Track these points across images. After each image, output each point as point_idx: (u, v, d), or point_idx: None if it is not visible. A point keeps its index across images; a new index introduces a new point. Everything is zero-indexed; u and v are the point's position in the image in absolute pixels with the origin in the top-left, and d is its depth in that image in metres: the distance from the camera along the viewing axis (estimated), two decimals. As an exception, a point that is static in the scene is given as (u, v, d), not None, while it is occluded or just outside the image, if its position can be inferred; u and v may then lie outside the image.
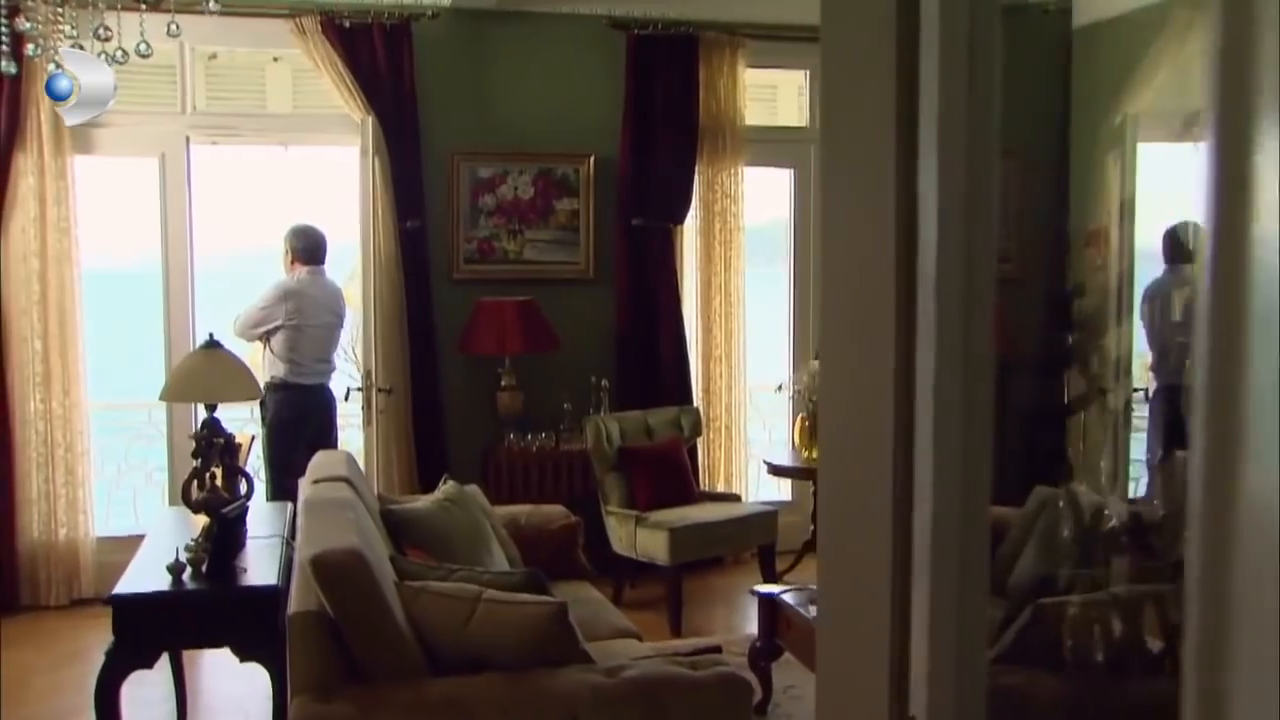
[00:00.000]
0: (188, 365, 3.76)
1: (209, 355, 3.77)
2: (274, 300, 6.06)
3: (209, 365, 3.74)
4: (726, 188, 6.92)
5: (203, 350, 3.80)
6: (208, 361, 3.75)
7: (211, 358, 3.77)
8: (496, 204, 6.72)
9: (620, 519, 5.95)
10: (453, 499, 4.48)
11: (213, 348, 3.81)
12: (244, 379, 3.78)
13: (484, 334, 6.44)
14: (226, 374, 3.73)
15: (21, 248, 6.07)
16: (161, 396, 3.75)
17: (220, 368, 3.74)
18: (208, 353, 3.79)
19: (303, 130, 6.65)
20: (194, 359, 3.78)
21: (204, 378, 3.70)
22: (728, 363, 6.99)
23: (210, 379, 3.69)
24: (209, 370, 3.72)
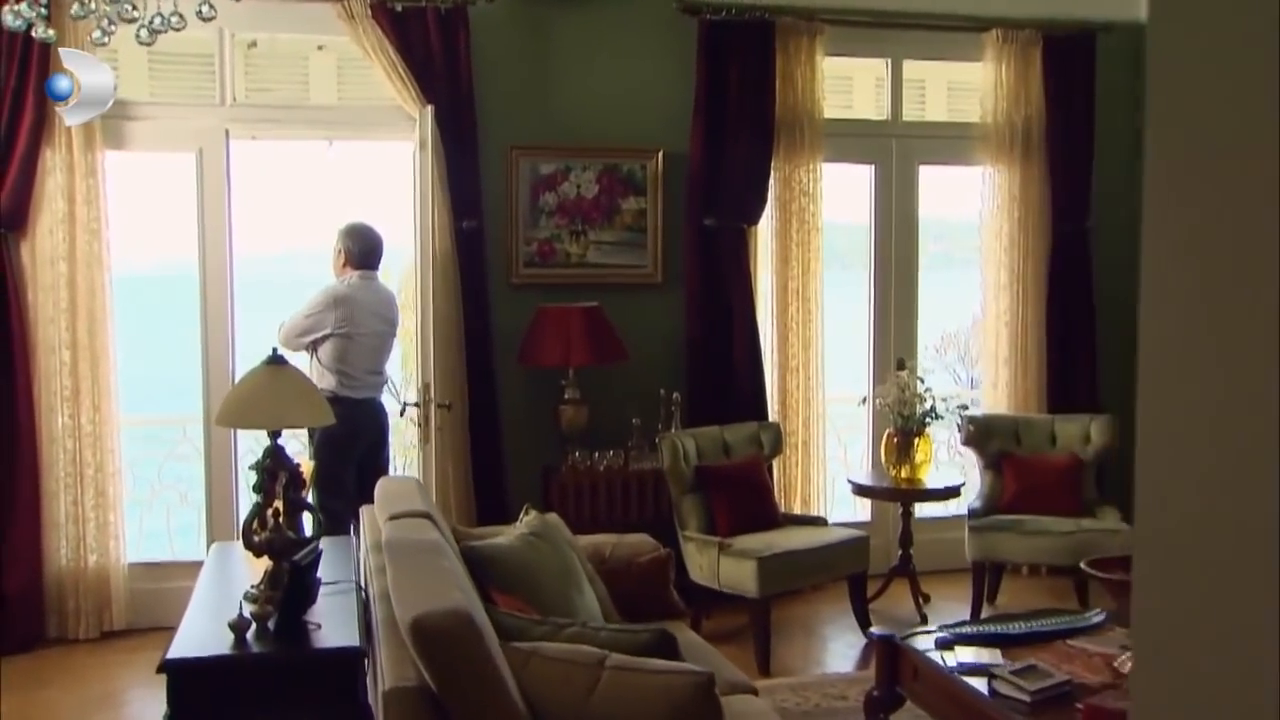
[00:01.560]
0: (249, 386, 3.26)
1: (274, 373, 3.27)
2: (323, 306, 5.57)
3: (274, 385, 3.24)
4: (804, 185, 6.42)
5: (266, 367, 3.30)
6: (273, 381, 3.25)
7: (277, 376, 3.27)
8: (558, 203, 6.22)
9: (700, 546, 5.45)
10: (537, 532, 3.99)
11: (278, 364, 3.30)
12: (313, 401, 3.29)
13: (547, 343, 5.95)
14: (294, 395, 3.24)
15: (49, 250, 5.60)
16: (219, 421, 3.26)
17: (287, 388, 3.24)
18: (272, 370, 3.29)
19: (349, 124, 6.16)
20: (256, 378, 3.28)
21: (269, 400, 3.21)
22: (805, 374, 6.48)
23: (276, 402, 3.20)
24: (274, 391, 3.22)
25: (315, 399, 3.28)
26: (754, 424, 6.10)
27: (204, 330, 5.92)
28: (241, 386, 3.27)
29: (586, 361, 5.95)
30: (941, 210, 7.14)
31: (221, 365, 5.91)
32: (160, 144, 5.91)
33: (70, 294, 5.61)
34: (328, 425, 5.50)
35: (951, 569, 6.53)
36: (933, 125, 6.85)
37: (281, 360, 3.31)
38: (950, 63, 6.84)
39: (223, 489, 5.94)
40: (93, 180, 5.62)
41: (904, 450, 6.02)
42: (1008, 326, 6.67)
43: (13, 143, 5.48)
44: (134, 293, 6.38)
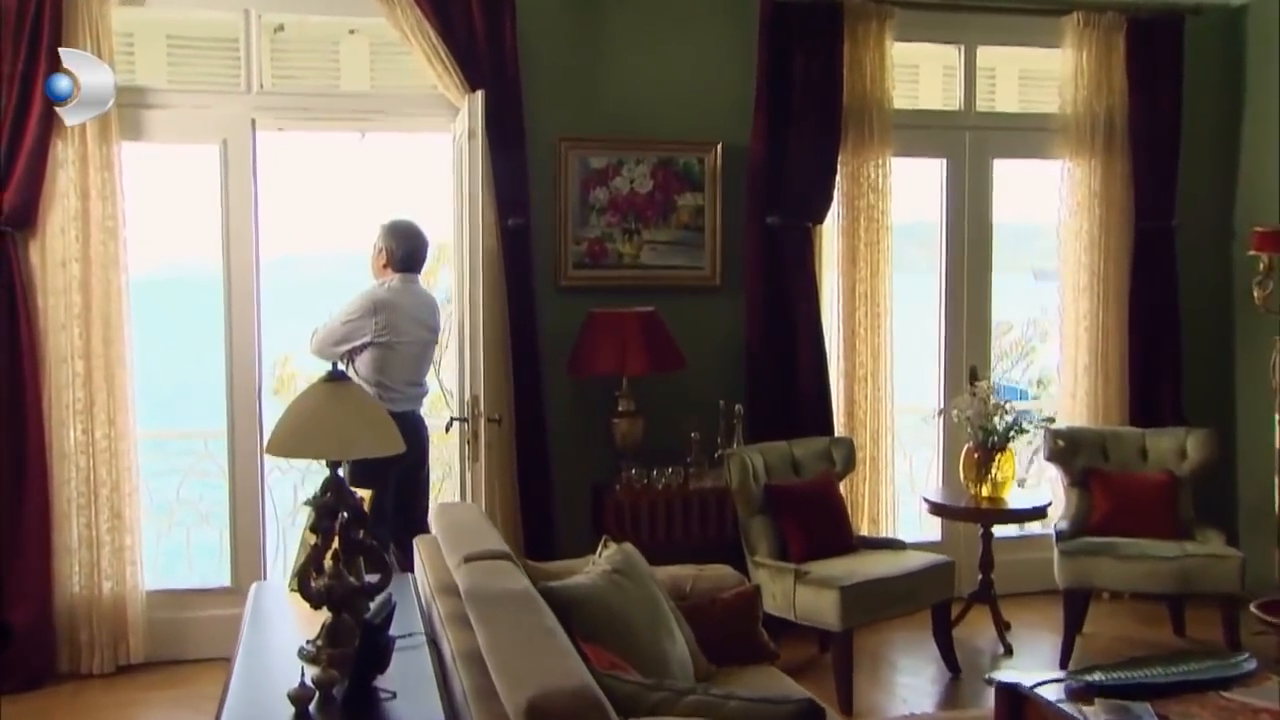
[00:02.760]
0: (307, 408, 2.78)
1: (334, 393, 2.80)
2: (361, 312, 5.11)
3: (336, 407, 2.77)
4: (873, 180, 5.95)
5: (326, 386, 2.83)
6: (334, 401, 2.78)
7: (338, 396, 2.80)
8: (609, 199, 5.76)
9: (774, 573, 4.98)
10: (621, 569, 3.52)
11: (338, 381, 2.83)
12: (382, 425, 2.82)
13: (600, 351, 5.49)
14: (359, 418, 2.77)
15: (60, 251, 5.13)
16: (272, 450, 2.79)
17: (351, 410, 2.77)
18: (333, 389, 2.81)
19: (383, 113, 5.68)
20: (314, 399, 2.80)
21: (330, 425, 2.74)
22: (873, 383, 6.01)
23: (339, 426, 2.73)
24: (336, 414, 2.75)
25: (384, 422, 2.82)
26: (824, 439, 5.64)
27: (228, 337, 5.45)
28: (297, 409, 2.79)
29: (644, 370, 5.49)
30: (1010, 209, 6.66)
31: (247, 375, 5.45)
32: (181, 135, 5.44)
33: (83, 298, 5.15)
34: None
35: (1029, 592, 6.09)
36: (1008, 116, 6.38)
37: (342, 376, 2.84)
38: (1024, 50, 6.38)
39: (248, 509, 5.47)
40: (108, 174, 5.16)
41: (984, 467, 5.56)
42: (1088, 332, 6.21)
43: (21, 133, 5.02)
44: (152, 297, 5.92)
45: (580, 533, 5.66)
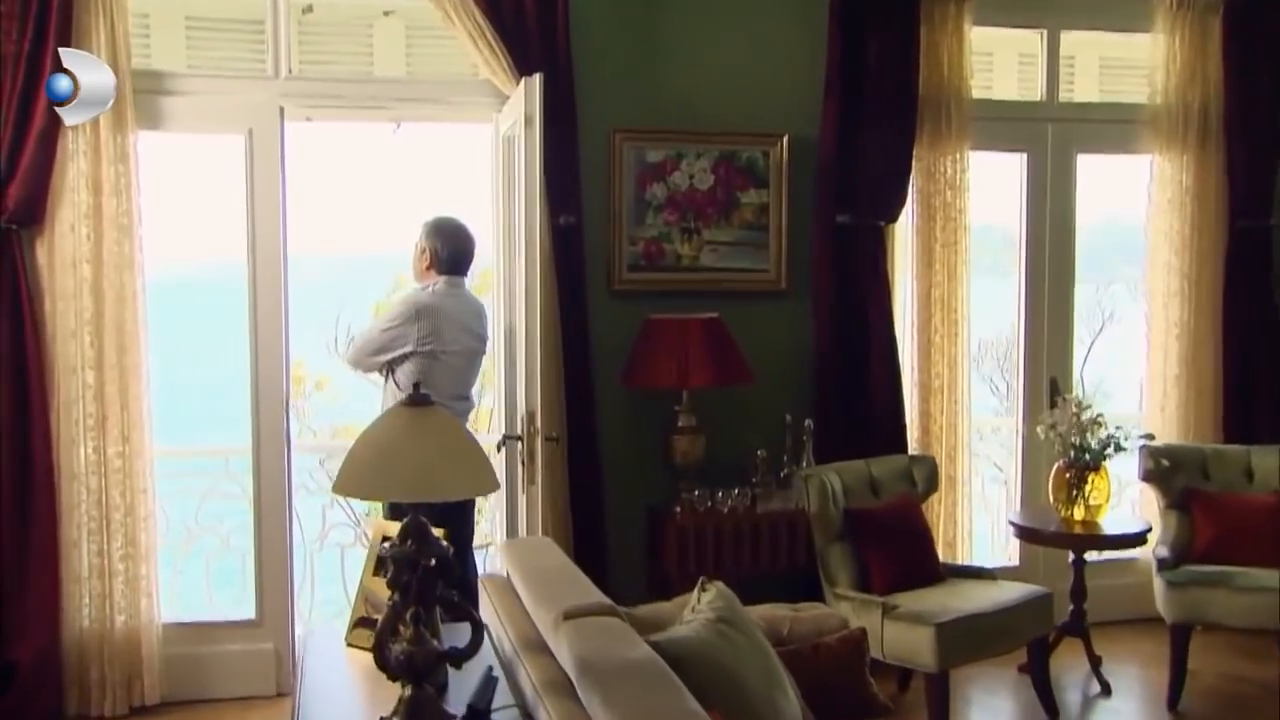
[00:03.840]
0: (385, 439, 2.28)
1: (419, 420, 2.31)
2: (404, 318, 4.64)
3: (421, 438, 2.27)
4: (950, 177, 5.50)
5: (408, 411, 2.34)
6: (418, 431, 2.29)
7: (423, 424, 2.31)
8: (667, 195, 5.29)
9: (858, 607, 4.51)
10: (725, 617, 3.04)
11: (422, 406, 2.35)
12: (475, 460, 2.32)
13: (658, 361, 5.02)
14: (451, 452, 2.28)
15: (70, 251, 4.66)
16: (342, 489, 2.29)
17: (440, 442, 2.28)
18: (416, 415, 2.32)
19: (420, 102, 5.20)
20: (394, 427, 2.30)
21: (416, 459, 2.24)
22: (950, 396, 5.55)
23: (427, 462, 2.24)
24: (422, 446, 2.26)
25: (476, 456, 2.33)
26: (903, 457, 5.18)
27: (253, 345, 4.98)
28: (374, 440, 2.30)
29: (707, 383, 5.02)
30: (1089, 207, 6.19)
31: (273, 386, 4.97)
32: (202, 123, 4.96)
33: (95, 303, 4.68)
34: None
35: (1117, 620, 5.62)
36: (1092, 107, 5.91)
37: (426, 400, 2.36)
38: (1106, 36, 5.92)
39: (274, 534, 4.99)
40: (123, 166, 4.69)
41: (1076, 487, 5.09)
42: (1179, 341, 5.75)
43: (27, 120, 4.55)
44: (170, 301, 5.44)
45: (633, 561, 5.21)
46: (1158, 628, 5.56)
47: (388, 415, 2.38)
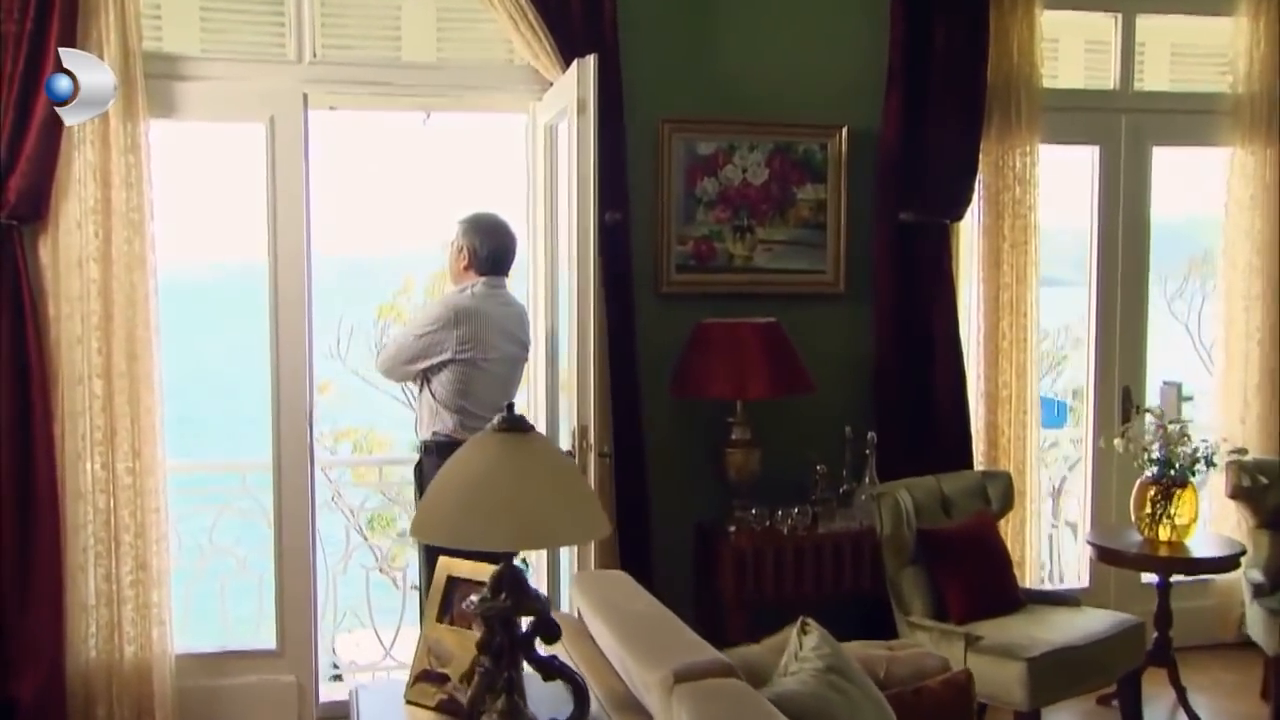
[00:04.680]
0: (475, 474, 1.87)
1: (516, 449, 1.91)
2: (442, 323, 4.25)
3: (519, 473, 1.88)
4: (1019, 172, 5.13)
5: (499, 437, 1.95)
6: (516, 463, 1.88)
7: (522, 454, 1.91)
8: (719, 191, 4.91)
9: (937, 638, 4.12)
10: (835, 666, 2.67)
11: (519, 432, 1.96)
12: (584, 500, 1.92)
13: (712, 370, 4.64)
14: (556, 490, 1.89)
15: (76, 249, 4.28)
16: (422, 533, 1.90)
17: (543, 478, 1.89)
18: (512, 445, 1.93)
19: (452, 89, 4.82)
20: (485, 459, 1.89)
21: (515, 499, 1.85)
22: (1018, 407, 5.18)
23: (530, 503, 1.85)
24: (521, 483, 1.87)
25: (587, 494, 1.94)
26: (976, 473, 4.81)
27: (274, 351, 4.60)
28: (460, 475, 1.90)
29: (766, 394, 4.64)
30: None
31: (296, 395, 4.59)
32: (220, 111, 4.58)
33: (104, 305, 4.30)
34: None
35: (1193, 645, 5.24)
36: (1169, 97, 5.53)
37: (523, 425, 1.97)
38: (1181, 21, 5.55)
39: (297, 556, 4.60)
40: (134, 157, 4.31)
41: (1162, 505, 4.72)
42: (1260, 346, 5.38)
43: (28, 107, 4.17)
44: (184, 303, 5.05)
45: (680, 583, 4.83)
46: (1239, 654, 5.21)
47: (478, 445, 1.99)
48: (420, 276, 9.85)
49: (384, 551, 5.77)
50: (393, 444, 9.07)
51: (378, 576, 5.46)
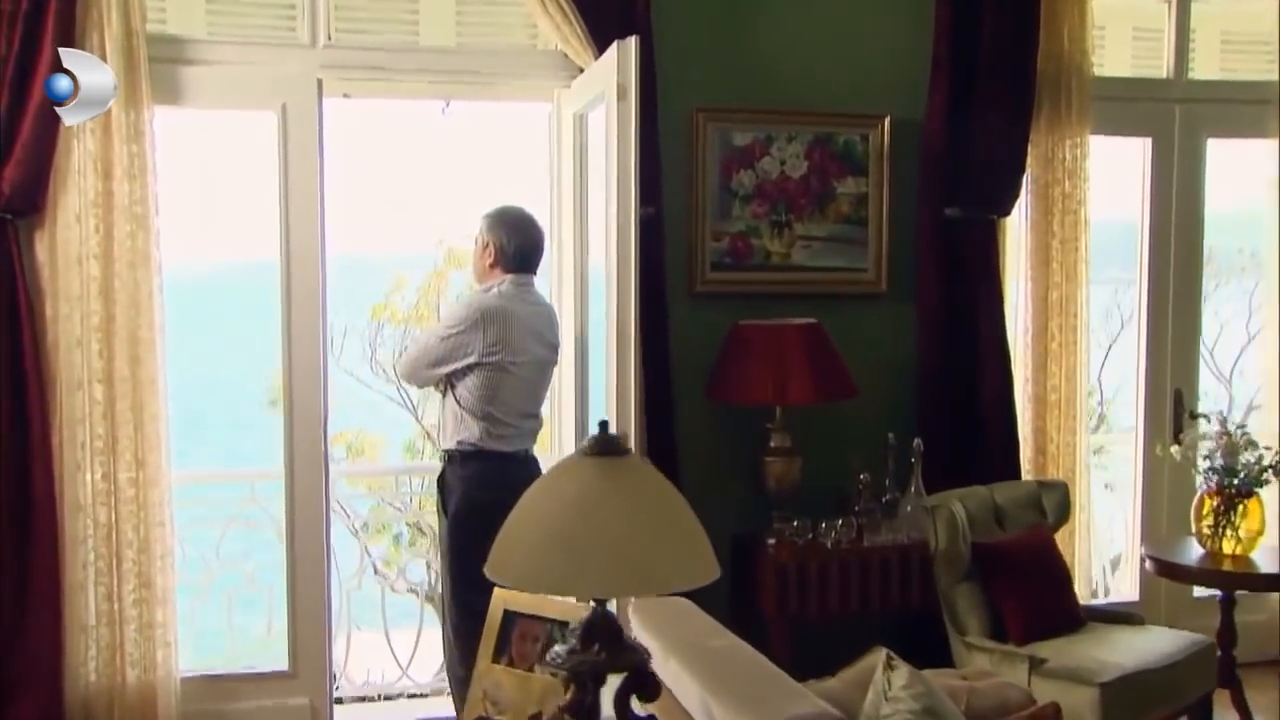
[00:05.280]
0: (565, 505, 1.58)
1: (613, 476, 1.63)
2: (468, 324, 3.97)
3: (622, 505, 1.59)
4: (1069, 164, 4.87)
5: (593, 462, 1.66)
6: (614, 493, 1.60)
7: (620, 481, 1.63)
8: (755, 184, 4.65)
9: (998, 661, 3.87)
10: (932, 708, 2.41)
11: (614, 455, 1.69)
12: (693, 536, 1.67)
13: (751, 373, 4.39)
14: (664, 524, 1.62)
15: (75, 246, 4.00)
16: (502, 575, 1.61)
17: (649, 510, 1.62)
18: (610, 469, 1.65)
19: (473, 75, 4.54)
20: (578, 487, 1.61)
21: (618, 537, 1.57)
22: (1067, 412, 4.93)
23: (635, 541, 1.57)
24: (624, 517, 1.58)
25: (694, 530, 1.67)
26: (1030, 482, 4.57)
27: (286, 353, 4.32)
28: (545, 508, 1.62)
29: (809, 399, 4.39)
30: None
31: (310, 400, 4.32)
32: (228, 98, 4.30)
33: (105, 306, 4.02)
34: (471, 493, 3.99)
35: (1254, 662, 4.98)
36: (1224, 86, 5.28)
37: (619, 447, 1.70)
38: (1233, 6, 5.32)
39: (311, 571, 4.33)
40: (137, 146, 4.03)
41: (1225, 517, 4.47)
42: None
43: (24, 92, 3.89)
44: (190, 302, 4.76)
45: (715, 598, 4.52)
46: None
47: (566, 472, 1.72)
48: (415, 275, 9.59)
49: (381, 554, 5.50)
50: (385, 445, 8.81)
51: (393, 594, 5.18)
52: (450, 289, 10.04)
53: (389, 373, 8.36)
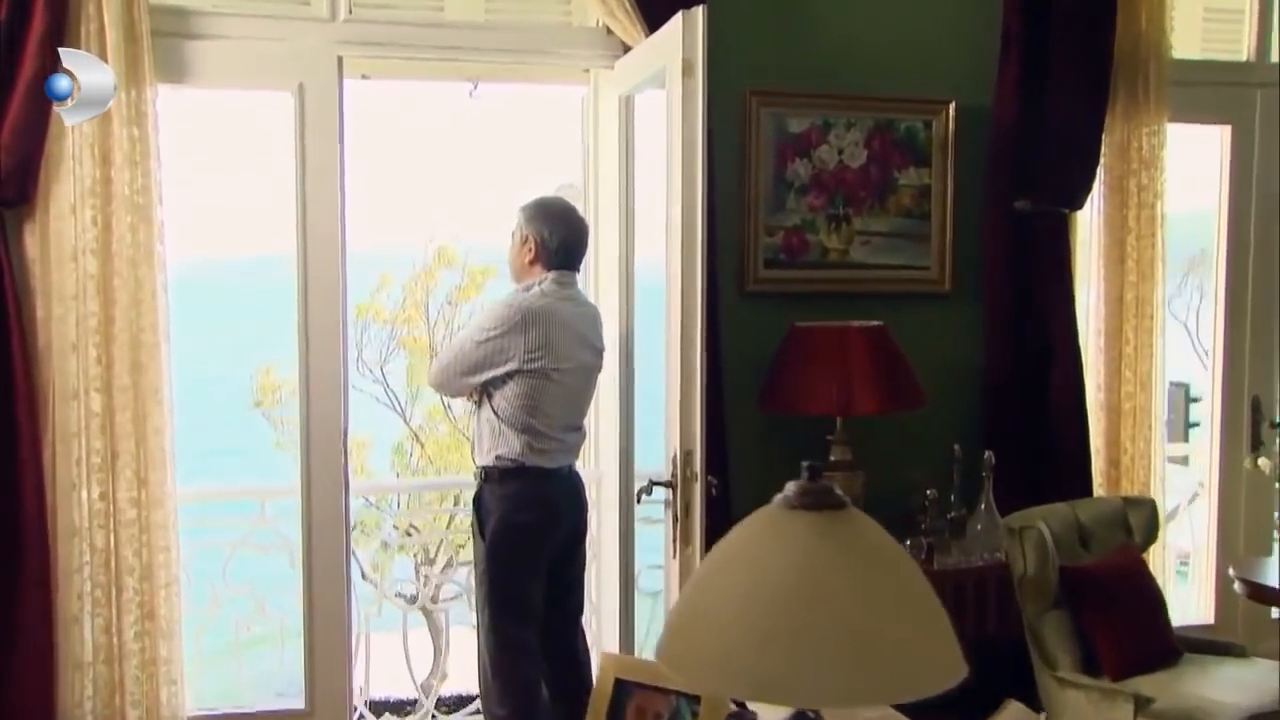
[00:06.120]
0: (773, 578, 1.17)
1: (833, 535, 1.20)
2: (507, 326, 3.58)
3: (849, 580, 1.17)
4: (1145, 154, 4.52)
5: (803, 516, 1.24)
6: (835, 560, 1.18)
7: (844, 542, 1.21)
8: (812, 174, 4.28)
9: (1095, 699, 3.51)
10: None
11: (834, 508, 1.29)
12: (937, 621, 1.27)
13: (812, 381, 4.01)
14: (904, 605, 1.22)
15: (70, 239, 3.58)
16: (686, 676, 1.22)
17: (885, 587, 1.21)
18: (827, 526, 1.22)
19: (502, 54, 4.14)
20: (784, 552, 1.17)
21: (848, 621, 1.18)
22: (1142, 421, 4.57)
23: (872, 632, 1.17)
24: (854, 596, 1.17)
25: (935, 608, 1.29)
26: (1116, 499, 4.22)
27: (303, 357, 3.91)
28: (745, 581, 1.20)
29: (876, 409, 4.01)
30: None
31: (328, 408, 3.91)
32: (240, 76, 3.88)
33: (103, 306, 3.60)
34: (511, 514, 3.61)
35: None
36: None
37: (836, 498, 1.29)
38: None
39: (330, 599, 3.92)
40: (139, 130, 3.62)
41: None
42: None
43: (13, 68, 3.49)
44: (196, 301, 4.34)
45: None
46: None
47: (769, 531, 1.30)
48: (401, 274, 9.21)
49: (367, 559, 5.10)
50: (371, 446, 8.41)
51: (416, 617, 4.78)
52: (439, 288, 9.66)
53: (375, 372, 8.01)
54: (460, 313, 9.61)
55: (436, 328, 9.74)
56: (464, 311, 9.62)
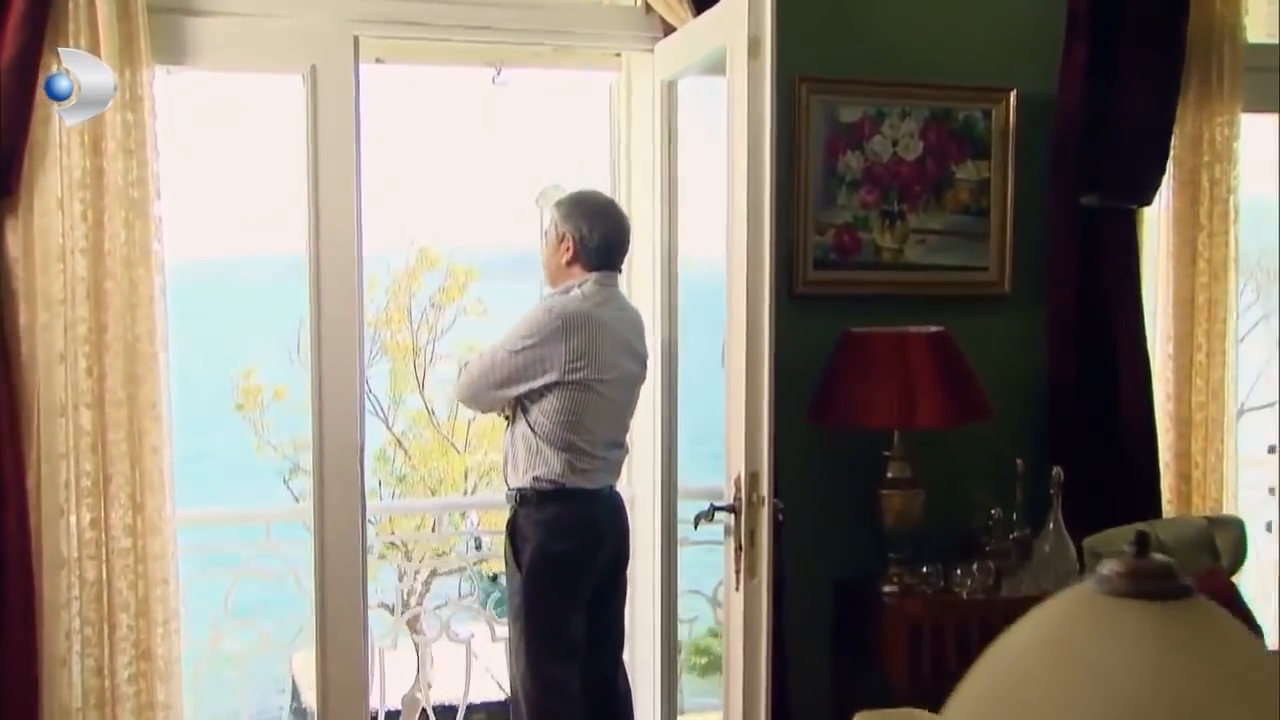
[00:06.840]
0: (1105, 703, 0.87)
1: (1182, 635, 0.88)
2: (546, 333, 3.24)
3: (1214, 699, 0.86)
4: (1218, 145, 4.21)
5: (1138, 607, 0.91)
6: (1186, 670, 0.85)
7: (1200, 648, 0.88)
8: (864, 168, 3.95)
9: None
10: None
11: (1179, 598, 0.96)
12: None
13: (870, 391, 3.69)
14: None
15: (57, 238, 3.23)
16: None
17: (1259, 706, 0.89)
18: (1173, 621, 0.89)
19: (530, 35, 3.80)
20: (1113, 664, 0.86)
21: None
22: (1214, 433, 4.26)
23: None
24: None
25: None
26: (1199, 518, 3.90)
27: (316, 364, 3.55)
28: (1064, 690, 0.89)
29: (940, 421, 3.70)
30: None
31: (342, 421, 3.55)
32: (245, 58, 3.53)
33: (94, 312, 3.24)
34: (551, 542, 3.27)
35: None
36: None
37: (1180, 583, 0.97)
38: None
39: (346, 632, 3.56)
40: (134, 115, 3.26)
41: None
42: None
43: (-7, 46, 3.10)
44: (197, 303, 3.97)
45: (812, 654, 3.88)
46: None
47: (1088, 628, 0.97)
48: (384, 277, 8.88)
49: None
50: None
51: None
52: (423, 290, 9.32)
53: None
54: (444, 316, 9.31)
55: (420, 331, 9.44)
56: (447, 315, 9.34)
